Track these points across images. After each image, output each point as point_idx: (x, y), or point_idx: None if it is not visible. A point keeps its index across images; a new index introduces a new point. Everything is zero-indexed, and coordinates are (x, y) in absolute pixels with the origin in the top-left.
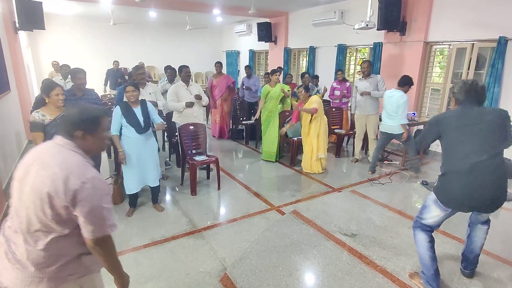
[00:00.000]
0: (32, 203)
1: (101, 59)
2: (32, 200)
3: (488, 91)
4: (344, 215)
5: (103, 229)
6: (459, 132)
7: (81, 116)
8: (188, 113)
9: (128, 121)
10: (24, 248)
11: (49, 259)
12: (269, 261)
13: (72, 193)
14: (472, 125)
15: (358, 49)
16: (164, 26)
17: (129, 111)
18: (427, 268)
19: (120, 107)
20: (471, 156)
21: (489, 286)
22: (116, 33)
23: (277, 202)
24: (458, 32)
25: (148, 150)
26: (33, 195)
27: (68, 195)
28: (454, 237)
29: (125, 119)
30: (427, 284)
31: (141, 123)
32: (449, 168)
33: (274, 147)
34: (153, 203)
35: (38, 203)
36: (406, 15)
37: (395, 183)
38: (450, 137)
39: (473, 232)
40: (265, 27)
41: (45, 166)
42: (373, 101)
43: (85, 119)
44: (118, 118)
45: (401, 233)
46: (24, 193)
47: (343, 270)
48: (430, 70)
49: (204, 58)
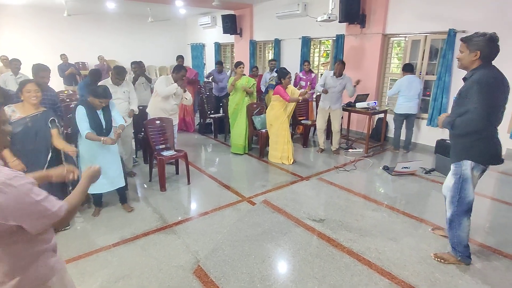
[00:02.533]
0: None
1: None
2: None
3: (440, 80)
4: (312, 202)
5: (53, 217)
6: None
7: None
8: (167, 109)
9: (90, 123)
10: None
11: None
12: (242, 250)
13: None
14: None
15: (321, 41)
16: (124, 18)
17: (93, 113)
18: (464, 246)
19: (85, 108)
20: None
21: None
22: (71, 25)
23: (247, 193)
24: (413, 24)
25: (109, 152)
26: None
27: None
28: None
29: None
30: (465, 258)
31: (103, 125)
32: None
33: (242, 140)
34: (121, 204)
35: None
36: (365, 8)
37: (360, 170)
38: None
39: None
40: (230, 19)
41: None
42: (339, 96)
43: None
44: (85, 117)
45: (366, 215)
46: None
47: (313, 254)
48: (388, 61)
49: (168, 52)
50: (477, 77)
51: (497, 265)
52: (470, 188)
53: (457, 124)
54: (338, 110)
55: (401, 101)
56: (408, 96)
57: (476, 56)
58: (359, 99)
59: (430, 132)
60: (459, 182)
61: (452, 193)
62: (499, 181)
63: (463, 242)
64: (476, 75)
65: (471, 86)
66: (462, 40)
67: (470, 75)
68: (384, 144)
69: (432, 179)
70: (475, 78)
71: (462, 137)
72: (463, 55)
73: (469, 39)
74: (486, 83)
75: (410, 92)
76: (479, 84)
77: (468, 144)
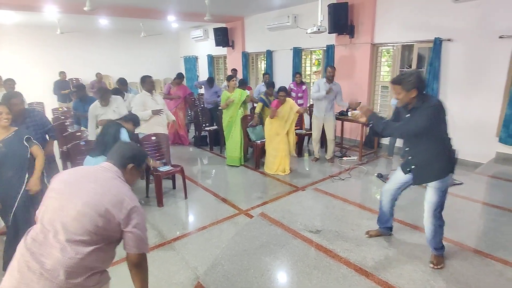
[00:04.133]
0: (84, 215)
1: (48, 70)
2: (85, 213)
3: (428, 87)
4: (309, 213)
5: (146, 246)
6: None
7: (137, 153)
8: (157, 122)
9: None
10: (60, 257)
11: (82, 269)
12: (241, 265)
13: (126, 212)
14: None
15: (312, 51)
16: (117, 34)
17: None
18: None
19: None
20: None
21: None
22: (64, 42)
23: (244, 206)
24: (400, 34)
25: None
26: (88, 209)
27: (123, 213)
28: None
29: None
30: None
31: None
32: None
33: (237, 152)
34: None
35: (93, 216)
36: (353, 19)
37: (354, 178)
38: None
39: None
40: (221, 32)
41: (102, 186)
42: (331, 104)
43: (139, 156)
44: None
45: (361, 224)
46: (70, 205)
47: (310, 266)
48: (378, 70)
49: (161, 65)
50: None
51: (489, 270)
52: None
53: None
54: (332, 118)
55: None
56: None
57: (413, 93)
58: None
59: None
60: (444, 196)
61: (435, 206)
62: (489, 185)
63: (441, 241)
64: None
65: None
66: (394, 83)
67: (419, 106)
68: (378, 151)
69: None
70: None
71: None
72: (402, 96)
73: (401, 81)
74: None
75: None
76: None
77: (447, 160)
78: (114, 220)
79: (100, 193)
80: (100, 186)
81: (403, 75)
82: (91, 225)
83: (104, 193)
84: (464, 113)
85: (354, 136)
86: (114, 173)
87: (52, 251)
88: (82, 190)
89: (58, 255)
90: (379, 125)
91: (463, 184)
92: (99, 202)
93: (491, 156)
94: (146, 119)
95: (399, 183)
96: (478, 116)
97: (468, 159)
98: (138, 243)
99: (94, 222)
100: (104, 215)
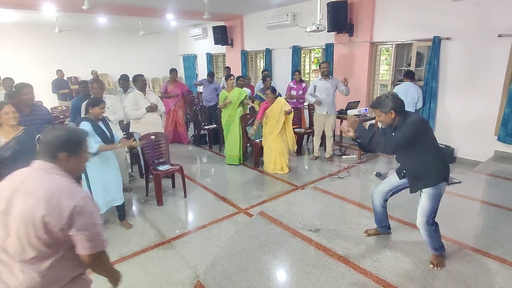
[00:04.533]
0: (24, 232)
1: (47, 69)
2: (24, 230)
3: (427, 86)
4: (308, 212)
5: (100, 244)
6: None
7: (65, 138)
8: (149, 121)
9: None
10: (22, 277)
11: (47, 284)
12: (240, 264)
13: (67, 215)
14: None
15: (311, 50)
16: (116, 32)
17: (96, 126)
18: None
19: (90, 123)
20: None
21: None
22: (62, 40)
23: (244, 204)
24: (399, 32)
25: (111, 168)
26: (24, 225)
27: (63, 218)
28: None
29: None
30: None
31: (108, 135)
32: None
33: (236, 151)
34: (120, 221)
35: (31, 231)
36: (352, 18)
37: (353, 176)
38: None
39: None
40: (220, 30)
41: (32, 193)
42: (333, 102)
43: (68, 141)
44: (92, 132)
45: (360, 223)
46: (11, 224)
47: (309, 264)
48: (377, 68)
49: (160, 63)
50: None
51: (487, 268)
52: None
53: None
54: (332, 116)
55: None
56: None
57: (392, 114)
58: (350, 107)
59: None
60: (436, 202)
61: (429, 212)
62: (487, 183)
63: (440, 241)
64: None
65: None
66: (372, 107)
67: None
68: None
69: None
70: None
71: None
72: (382, 118)
73: (378, 104)
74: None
75: (406, 100)
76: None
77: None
78: (56, 228)
79: (31, 203)
80: (29, 195)
81: (379, 98)
82: (35, 240)
83: (35, 202)
84: (463, 112)
85: None
86: (47, 170)
87: (14, 271)
88: (13, 205)
89: (20, 274)
90: (368, 141)
91: (462, 183)
92: (31, 215)
93: (490, 155)
94: (140, 117)
95: (392, 186)
96: (477, 115)
97: (466, 157)
98: (89, 245)
99: (36, 236)
100: (41, 226)
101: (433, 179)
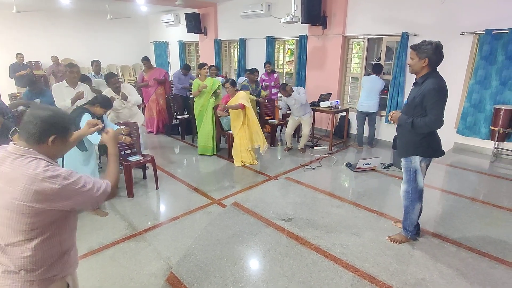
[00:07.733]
0: (7, 219)
1: (3, 52)
2: (7, 217)
3: (395, 80)
4: (280, 202)
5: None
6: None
7: (56, 119)
8: (125, 116)
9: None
10: (9, 259)
11: (37, 264)
12: (214, 254)
13: (54, 199)
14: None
15: (286, 41)
16: (80, 15)
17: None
18: (414, 226)
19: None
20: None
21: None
22: (21, 22)
23: (217, 195)
24: (370, 27)
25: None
26: (7, 212)
27: (49, 199)
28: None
29: None
30: (414, 236)
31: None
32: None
33: (209, 141)
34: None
35: (15, 217)
36: (326, 11)
37: (325, 167)
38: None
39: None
40: (193, 17)
41: (12, 181)
42: (305, 106)
43: (59, 123)
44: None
45: (331, 212)
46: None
47: (282, 253)
48: (349, 61)
49: (130, 50)
50: (431, 85)
51: (446, 251)
52: (421, 178)
53: (418, 124)
54: (308, 117)
55: (362, 100)
56: (369, 96)
57: (425, 63)
58: (323, 99)
59: (388, 128)
60: (411, 174)
61: (406, 185)
62: (447, 173)
63: (414, 222)
64: (429, 83)
65: (428, 93)
66: (411, 47)
67: (422, 81)
68: (347, 141)
69: (391, 174)
70: (430, 86)
71: (411, 135)
72: (413, 62)
73: (418, 47)
74: (440, 90)
75: (371, 92)
76: (436, 91)
77: (417, 142)
78: (43, 209)
79: (12, 191)
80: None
81: (423, 41)
82: (21, 225)
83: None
84: None
85: (324, 126)
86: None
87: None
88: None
89: (7, 257)
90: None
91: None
92: (13, 202)
93: (450, 146)
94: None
95: None
96: None
97: None
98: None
99: (20, 221)
100: (27, 211)
101: (408, 151)
